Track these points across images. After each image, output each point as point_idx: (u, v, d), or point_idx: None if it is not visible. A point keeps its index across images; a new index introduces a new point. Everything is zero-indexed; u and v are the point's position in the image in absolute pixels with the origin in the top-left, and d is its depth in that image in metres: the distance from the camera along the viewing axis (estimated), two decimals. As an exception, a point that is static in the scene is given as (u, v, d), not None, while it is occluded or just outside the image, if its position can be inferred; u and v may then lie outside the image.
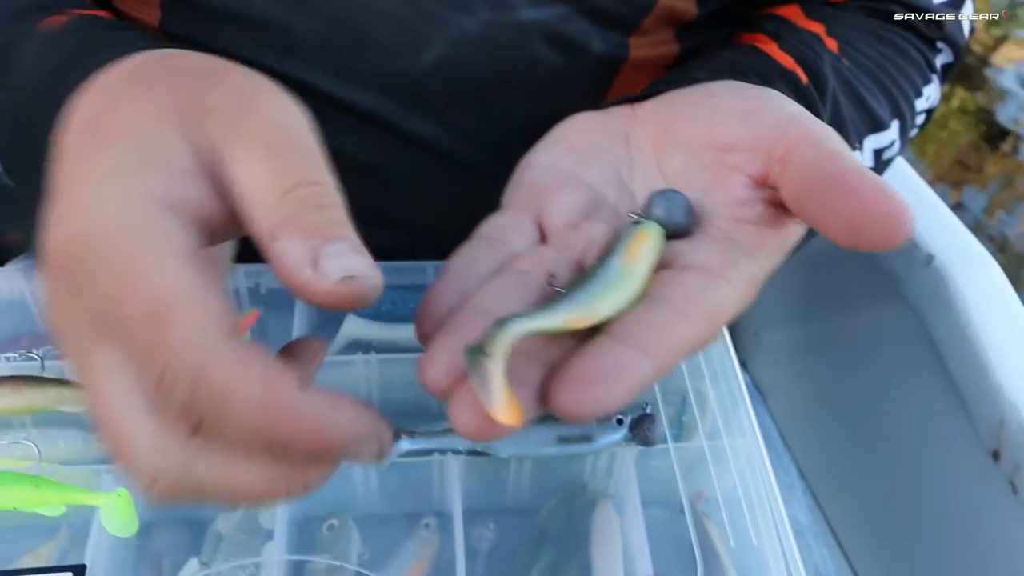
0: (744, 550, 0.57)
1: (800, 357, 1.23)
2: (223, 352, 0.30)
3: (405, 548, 0.58)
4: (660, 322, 0.35)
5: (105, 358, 0.31)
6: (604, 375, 0.33)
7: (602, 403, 0.32)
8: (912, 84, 0.66)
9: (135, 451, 0.32)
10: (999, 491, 0.82)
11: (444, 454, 0.57)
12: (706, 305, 0.36)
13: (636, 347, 0.34)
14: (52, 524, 0.57)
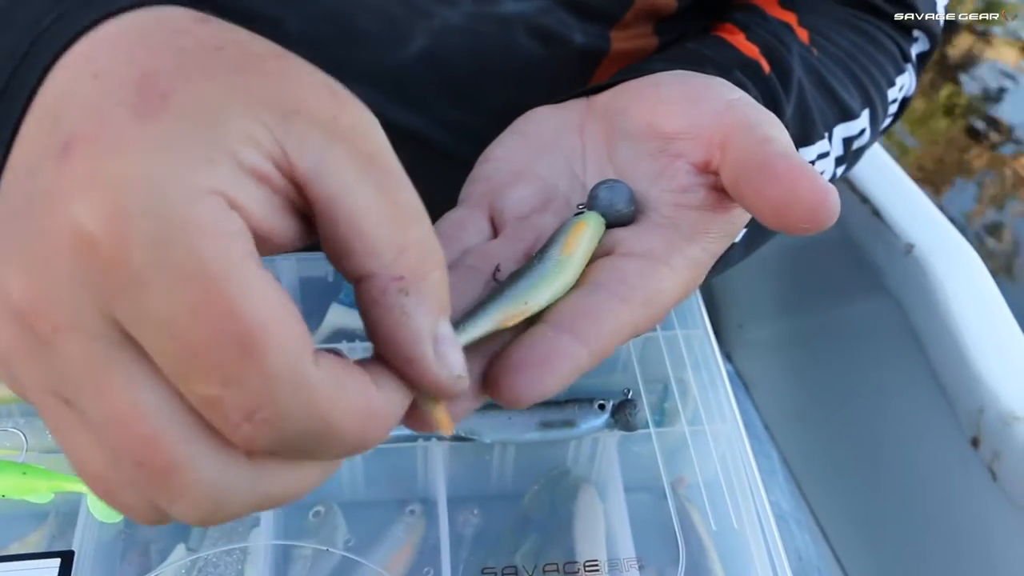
0: (726, 534, 0.58)
1: (784, 349, 1.24)
2: (319, 380, 0.27)
3: (391, 534, 0.59)
4: (595, 308, 0.36)
5: (135, 366, 0.27)
6: (540, 362, 0.33)
7: (538, 389, 0.33)
8: (884, 73, 0.67)
9: (196, 477, 0.28)
10: (978, 477, 0.83)
11: (428, 439, 0.58)
12: (645, 289, 0.37)
13: (571, 333, 0.34)
14: (39, 512, 0.58)
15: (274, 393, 0.26)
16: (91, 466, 0.29)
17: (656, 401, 0.65)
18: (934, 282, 0.88)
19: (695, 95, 0.44)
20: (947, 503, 0.90)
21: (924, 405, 0.92)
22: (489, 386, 0.33)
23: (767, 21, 0.63)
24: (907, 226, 0.93)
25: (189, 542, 0.57)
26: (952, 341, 0.85)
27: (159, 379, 0.27)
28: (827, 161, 0.62)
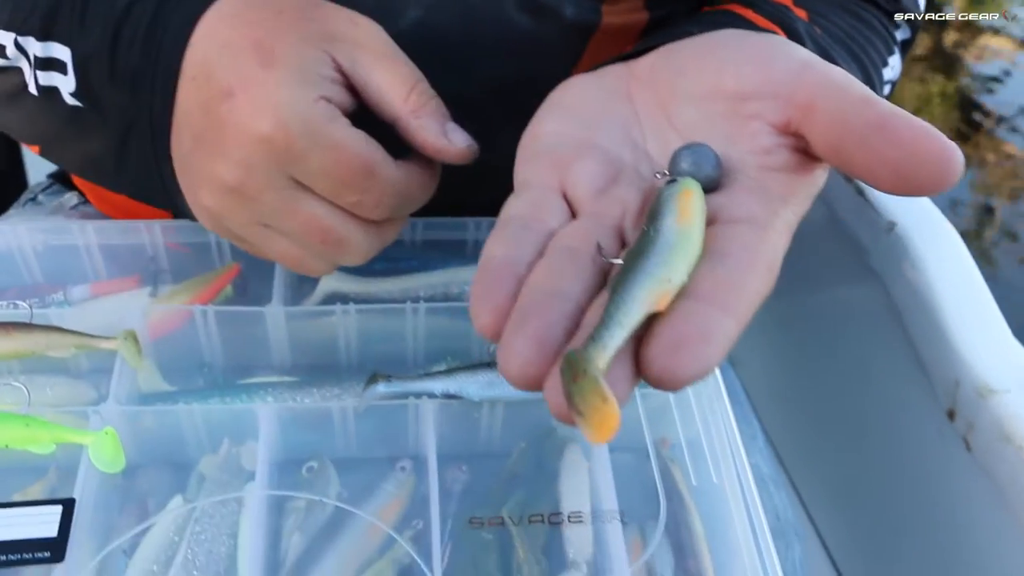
0: (706, 491, 0.60)
1: (770, 326, 1.25)
2: (403, 175, 0.51)
3: (382, 488, 0.60)
4: (732, 278, 0.35)
5: (310, 197, 0.49)
6: (696, 338, 0.32)
7: (698, 367, 0.32)
8: (878, 53, 0.68)
9: (355, 241, 0.52)
10: (954, 448, 0.85)
11: (419, 398, 0.60)
12: (765, 255, 0.36)
13: (718, 306, 0.33)
14: (41, 464, 0.59)
15: (385, 189, 0.50)
16: (290, 255, 0.53)
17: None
18: (915, 259, 0.90)
19: (764, 53, 0.43)
20: (923, 473, 0.93)
21: (903, 378, 0.94)
22: (644, 369, 0.32)
23: (766, 4, 0.64)
24: (889, 205, 0.95)
25: (186, 493, 0.59)
26: (931, 316, 0.87)
27: (324, 200, 0.50)
28: None
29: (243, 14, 0.50)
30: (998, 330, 0.85)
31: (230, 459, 0.60)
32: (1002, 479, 0.79)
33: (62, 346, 0.61)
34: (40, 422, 0.56)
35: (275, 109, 0.46)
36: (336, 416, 0.61)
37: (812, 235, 1.12)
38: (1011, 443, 0.78)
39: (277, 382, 0.65)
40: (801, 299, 1.19)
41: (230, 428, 0.60)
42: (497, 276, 0.37)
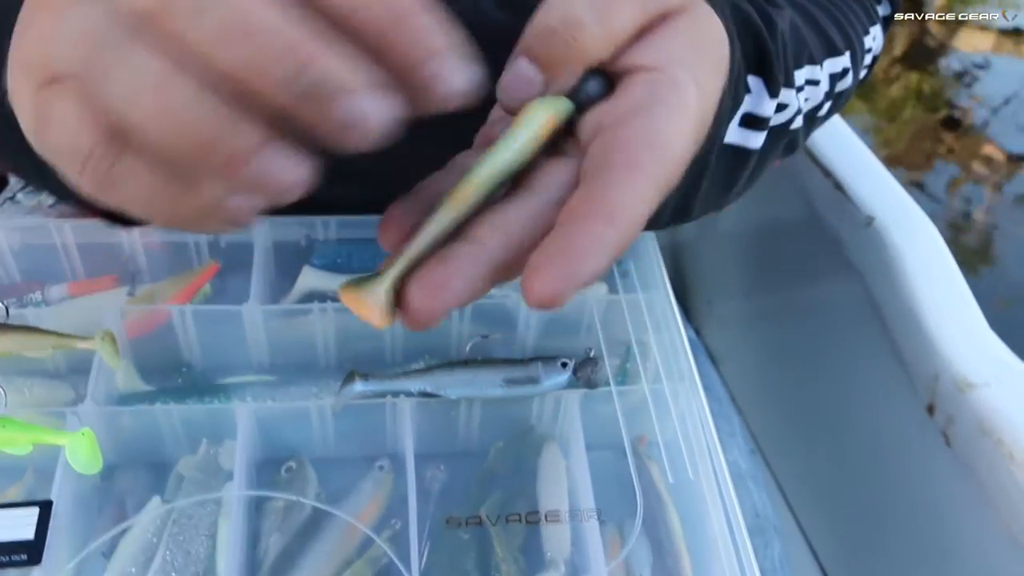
0: (683, 488, 0.60)
1: (751, 322, 1.26)
2: None
3: (360, 488, 0.60)
4: (603, 183, 0.34)
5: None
6: (563, 251, 0.32)
7: (568, 277, 0.32)
8: (860, 22, 0.69)
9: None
10: (934, 443, 0.85)
11: (397, 396, 0.60)
12: (648, 143, 0.35)
13: (585, 218, 0.33)
14: (18, 466, 0.59)
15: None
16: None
17: (618, 362, 0.67)
18: (893, 254, 0.90)
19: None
20: (903, 467, 0.93)
21: (883, 373, 0.94)
22: (525, 292, 0.32)
23: None
24: (868, 199, 0.95)
25: (164, 494, 0.59)
26: (910, 311, 0.87)
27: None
28: (817, 90, 0.63)
29: None
30: (976, 324, 0.85)
31: (208, 459, 0.60)
32: (982, 473, 0.80)
33: (40, 346, 0.61)
34: (17, 423, 0.56)
35: None
36: (314, 415, 0.61)
37: (790, 230, 1.12)
38: (990, 437, 0.78)
39: (255, 381, 0.65)
40: (781, 294, 1.19)
41: (208, 428, 0.61)
42: (412, 200, 0.37)
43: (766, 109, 0.55)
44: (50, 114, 0.30)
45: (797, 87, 0.60)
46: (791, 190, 1.07)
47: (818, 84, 0.63)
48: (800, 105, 0.61)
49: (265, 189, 0.30)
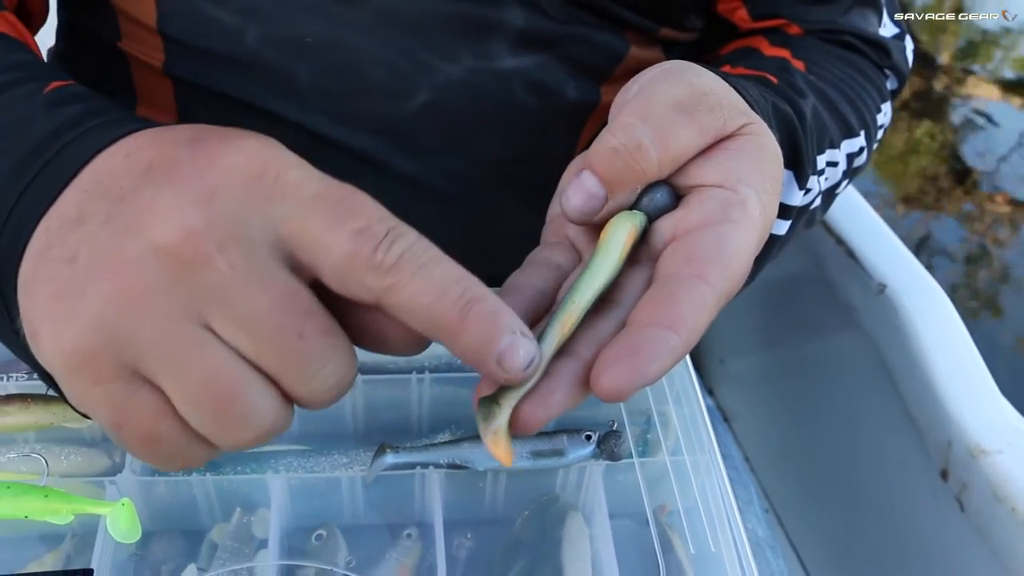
0: (704, 558, 0.61)
1: (763, 383, 1.27)
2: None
3: (389, 556, 0.62)
4: (670, 294, 0.38)
5: (217, 342, 0.34)
6: (632, 352, 0.36)
7: (636, 376, 0.36)
8: (873, 100, 0.71)
9: (260, 417, 0.36)
10: (948, 508, 0.87)
11: (426, 468, 0.62)
12: (716, 257, 0.39)
13: (655, 323, 0.36)
14: (56, 534, 0.61)
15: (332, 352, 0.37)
16: (146, 421, 0.36)
17: (639, 432, 0.68)
18: (905, 320, 0.92)
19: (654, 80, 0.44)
20: (918, 532, 0.94)
21: (896, 438, 0.95)
22: (593, 386, 0.36)
23: (764, 58, 0.67)
24: (880, 267, 0.97)
25: (199, 561, 0.61)
26: (922, 377, 0.89)
27: (234, 351, 0.35)
28: (836, 170, 0.65)
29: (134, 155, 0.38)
30: (988, 391, 0.87)
31: (242, 527, 0.62)
32: (996, 539, 0.81)
33: (79, 417, 0.63)
34: (59, 493, 0.57)
35: (209, 200, 0.35)
36: (345, 485, 0.62)
37: (803, 294, 1.14)
38: (1004, 504, 0.79)
39: (286, 450, 0.67)
40: (793, 356, 1.21)
41: (241, 497, 0.62)
42: (508, 301, 0.40)
43: (794, 199, 0.57)
44: (130, 407, 0.35)
45: (819, 171, 0.62)
46: (804, 256, 1.09)
47: (837, 165, 0.65)
48: (821, 188, 0.63)
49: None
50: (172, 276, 0.34)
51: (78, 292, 0.35)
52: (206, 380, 0.34)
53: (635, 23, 0.67)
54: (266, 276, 0.34)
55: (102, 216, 0.36)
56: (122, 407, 0.35)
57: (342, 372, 0.36)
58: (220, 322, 0.34)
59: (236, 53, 0.64)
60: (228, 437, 0.36)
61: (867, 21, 0.73)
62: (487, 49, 0.64)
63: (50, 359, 0.35)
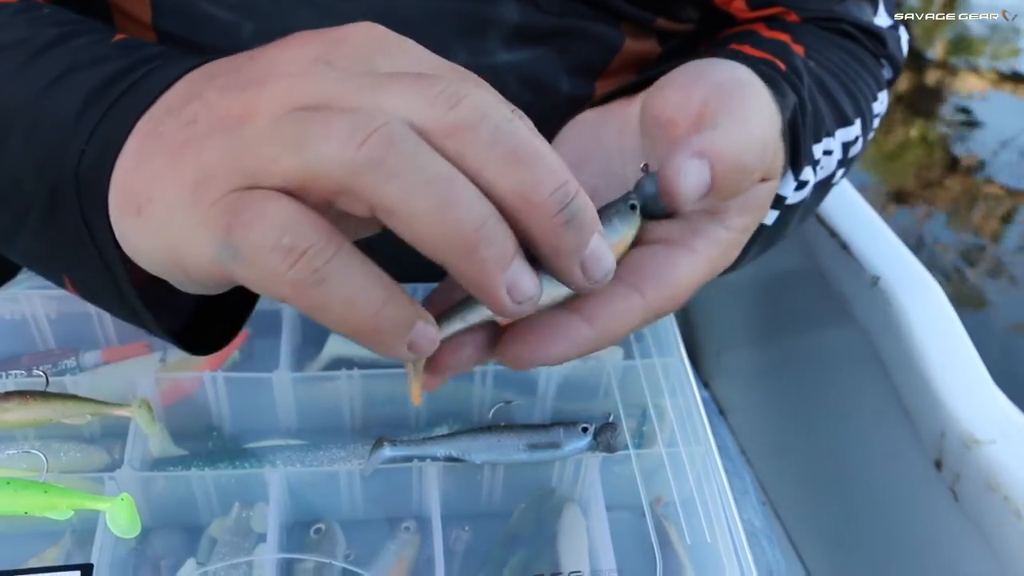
0: (700, 548, 0.62)
1: (758, 375, 1.28)
2: None
3: (387, 549, 0.62)
4: (607, 295, 0.40)
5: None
6: (543, 332, 0.38)
7: (538, 355, 0.38)
8: (869, 88, 0.71)
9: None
10: (941, 498, 0.87)
11: (423, 461, 0.62)
12: (657, 276, 0.41)
13: (580, 314, 0.39)
14: (56, 530, 0.61)
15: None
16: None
17: (635, 425, 0.69)
18: (899, 312, 0.93)
19: (691, 78, 0.46)
20: (912, 522, 0.95)
21: (890, 429, 0.96)
22: (499, 348, 0.39)
23: (763, 39, 0.67)
24: (873, 259, 0.98)
25: (198, 556, 0.61)
26: (916, 368, 0.89)
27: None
28: (832, 159, 0.65)
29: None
30: (981, 382, 0.87)
31: (240, 522, 0.62)
32: (989, 528, 0.81)
33: (78, 414, 0.63)
34: (58, 489, 0.57)
35: None
36: (343, 479, 0.63)
37: (797, 286, 1.15)
38: (997, 493, 0.80)
39: (284, 445, 0.67)
40: (788, 347, 1.21)
41: (240, 492, 0.63)
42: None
43: (786, 190, 0.58)
44: (256, 212, 0.33)
45: (815, 161, 0.62)
46: (798, 249, 1.10)
47: (832, 154, 0.65)
48: (815, 179, 0.64)
49: (502, 300, 0.34)
50: (310, 76, 0.35)
51: (207, 136, 0.35)
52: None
53: (631, 14, 0.67)
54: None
55: (219, 84, 0.37)
56: (245, 209, 0.33)
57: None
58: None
59: (231, 49, 0.63)
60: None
61: (863, 11, 0.74)
62: (482, 44, 0.64)
63: (173, 206, 0.35)
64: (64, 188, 0.41)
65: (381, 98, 0.34)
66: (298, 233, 0.32)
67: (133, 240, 0.38)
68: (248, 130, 0.34)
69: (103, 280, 0.42)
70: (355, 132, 0.32)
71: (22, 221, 0.45)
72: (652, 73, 0.51)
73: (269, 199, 0.33)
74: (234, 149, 0.34)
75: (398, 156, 0.32)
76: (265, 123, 0.34)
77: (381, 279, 0.34)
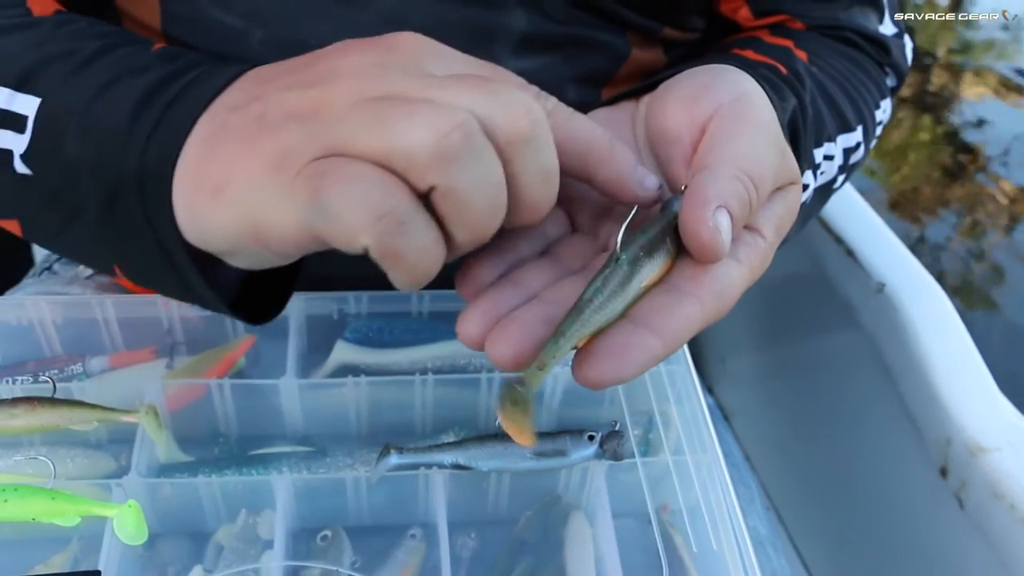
0: (706, 555, 0.62)
1: (763, 381, 1.28)
2: None
3: (394, 556, 0.62)
4: (668, 304, 0.41)
5: None
6: (619, 351, 0.39)
7: (617, 373, 0.39)
8: (872, 96, 0.72)
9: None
10: (947, 506, 0.87)
11: (430, 468, 0.62)
12: (712, 284, 0.42)
13: (646, 327, 0.40)
14: (63, 536, 0.61)
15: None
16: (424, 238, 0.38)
17: (641, 433, 0.69)
18: (904, 319, 0.93)
19: (694, 93, 0.47)
20: (917, 530, 0.95)
21: (895, 436, 0.96)
22: (575, 369, 0.40)
23: (766, 44, 0.67)
24: (879, 266, 0.98)
25: (204, 562, 0.61)
26: (921, 375, 0.89)
27: None
28: (832, 164, 0.66)
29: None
30: (987, 389, 0.87)
31: (247, 528, 0.62)
32: (994, 536, 0.81)
33: (85, 420, 0.63)
34: (66, 496, 0.58)
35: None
36: (349, 486, 0.63)
37: (803, 293, 1.15)
38: (1003, 501, 0.80)
39: (291, 452, 0.67)
40: (793, 354, 1.21)
41: (247, 498, 0.63)
42: (487, 258, 0.46)
43: None
44: (341, 174, 0.36)
45: (815, 165, 0.62)
46: (803, 256, 1.10)
47: (833, 159, 0.66)
48: (816, 183, 0.64)
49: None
50: (378, 74, 0.39)
51: (282, 126, 0.38)
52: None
53: (637, 24, 0.67)
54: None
55: (282, 85, 0.41)
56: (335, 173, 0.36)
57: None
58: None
59: (241, 56, 0.64)
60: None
61: (868, 19, 0.74)
62: (490, 52, 0.64)
63: (253, 185, 0.38)
64: (124, 188, 0.44)
65: (454, 96, 0.37)
66: (386, 190, 0.36)
67: (209, 220, 0.41)
68: (325, 116, 0.38)
69: (159, 264, 0.46)
70: (440, 121, 0.36)
71: (75, 219, 0.48)
72: (656, 79, 0.51)
73: (352, 163, 0.36)
74: (313, 131, 0.37)
75: (472, 152, 0.36)
76: (342, 110, 0.37)
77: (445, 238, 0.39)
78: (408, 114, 0.36)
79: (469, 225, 0.38)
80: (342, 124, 0.37)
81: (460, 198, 0.37)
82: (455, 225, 0.38)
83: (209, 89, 0.43)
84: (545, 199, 0.40)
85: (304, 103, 0.39)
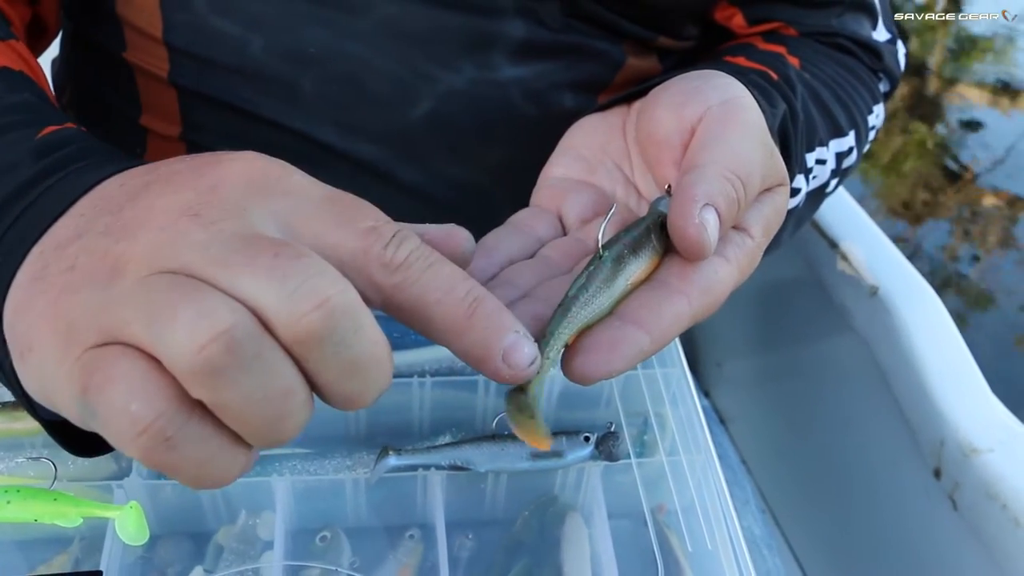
0: (701, 556, 0.62)
1: (758, 385, 1.28)
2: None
3: (392, 556, 0.63)
4: (657, 301, 0.41)
5: None
6: (607, 346, 0.39)
7: (606, 368, 0.39)
8: (864, 101, 0.73)
9: (298, 417, 0.36)
10: (941, 506, 0.88)
11: (427, 470, 0.63)
12: (700, 282, 0.42)
13: (634, 323, 0.40)
14: (65, 537, 0.62)
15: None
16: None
17: (637, 434, 0.70)
18: (898, 322, 0.94)
19: (683, 97, 0.47)
20: (911, 530, 0.95)
21: (889, 438, 0.97)
22: (564, 366, 0.40)
23: (761, 51, 0.68)
24: (873, 270, 0.99)
25: (205, 563, 0.62)
26: (914, 377, 0.90)
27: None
28: (825, 169, 0.66)
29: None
30: (979, 391, 0.88)
31: (247, 529, 0.63)
32: (988, 537, 0.82)
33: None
34: (67, 497, 0.58)
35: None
36: (348, 487, 0.63)
37: (797, 296, 1.16)
38: (996, 502, 0.80)
39: (290, 454, 0.68)
40: (788, 357, 1.22)
41: (246, 499, 0.63)
42: (480, 258, 0.45)
43: None
44: (107, 375, 0.32)
45: (807, 169, 0.63)
46: (798, 260, 1.11)
47: (825, 163, 0.66)
48: (808, 187, 0.64)
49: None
50: (175, 236, 0.34)
51: (80, 287, 0.34)
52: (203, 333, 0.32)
53: (632, 33, 0.68)
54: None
55: (100, 228, 0.36)
56: (109, 367, 0.32)
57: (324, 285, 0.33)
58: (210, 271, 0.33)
59: (241, 63, 0.65)
60: (273, 434, 0.35)
61: (861, 25, 0.75)
62: (488, 60, 0.65)
63: (46, 358, 0.34)
64: None
65: (236, 281, 0.32)
66: (146, 400, 0.31)
67: (22, 378, 0.37)
68: (114, 288, 0.34)
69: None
70: (197, 330, 0.31)
71: None
72: (648, 84, 0.52)
73: (122, 359, 0.32)
74: (97, 305, 0.33)
75: (240, 364, 0.32)
76: (130, 283, 0.33)
77: (236, 441, 0.34)
78: (172, 313, 0.31)
79: (256, 437, 0.34)
80: (124, 305, 0.33)
81: (232, 414, 0.33)
82: (243, 434, 0.34)
83: (48, 214, 0.39)
84: (362, 392, 0.36)
85: (106, 261, 0.35)
